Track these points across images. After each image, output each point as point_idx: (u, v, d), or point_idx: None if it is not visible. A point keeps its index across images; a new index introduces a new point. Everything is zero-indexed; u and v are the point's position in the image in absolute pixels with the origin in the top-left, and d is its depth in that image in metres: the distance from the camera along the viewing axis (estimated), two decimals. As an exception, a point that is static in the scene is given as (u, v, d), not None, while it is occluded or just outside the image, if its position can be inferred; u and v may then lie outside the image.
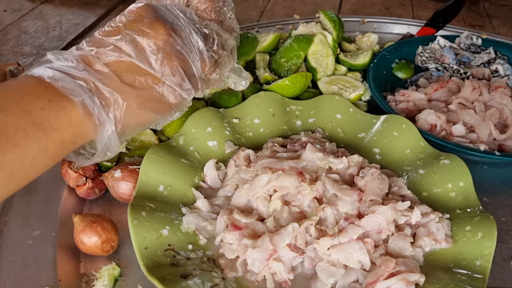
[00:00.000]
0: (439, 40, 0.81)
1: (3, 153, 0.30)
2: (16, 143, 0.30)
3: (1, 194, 0.32)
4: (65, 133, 0.34)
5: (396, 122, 0.59)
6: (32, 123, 0.31)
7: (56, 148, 0.33)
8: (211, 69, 0.44)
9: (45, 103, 0.33)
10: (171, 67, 0.40)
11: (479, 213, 0.48)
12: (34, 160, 0.32)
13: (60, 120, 0.33)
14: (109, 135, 0.36)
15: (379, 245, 0.44)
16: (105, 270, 0.43)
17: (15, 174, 0.31)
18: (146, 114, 0.40)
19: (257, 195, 0.47)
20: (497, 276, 0.46)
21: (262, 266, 0.42)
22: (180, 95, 0.42)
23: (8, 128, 0.30)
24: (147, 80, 0.39)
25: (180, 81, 0.41)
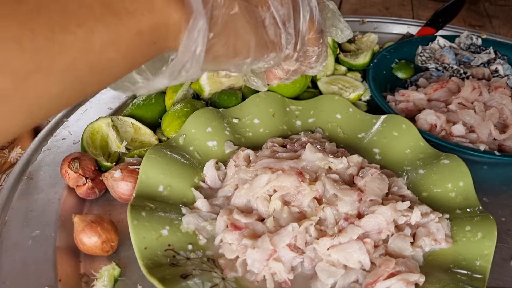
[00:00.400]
0: (439, 40, 0.81)
1: (61, 33, 0.22)
2: (80, 23, 0.23)
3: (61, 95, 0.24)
4: (143, 21, 0.25)
5: (396, 122, 0.58)
6: (102, 3, 0.24)
7: (131, 40, 0.25)
8: (316, 36, 0.37)
9: None
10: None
11: (479, 213, 0.48)
12: (103, 51, 0.24)
13: (138, 3, 0.25)
14: (199, 32, 0.27)
15: (379, 245, 0.44)
16: (105, 270, 0.43)
17: (78, 64, 0.23)
18: (244, 38, 0.31)
19: (257, 195, 0.47)
20: (497, 276, 0.46)
21: (262, 266, 0.42)
22: (280, 35, 0.34)
23: (71, 4, 0.23)
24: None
25: (286, 17, 0.34)
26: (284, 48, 0.35)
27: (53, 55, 0.22)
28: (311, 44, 0.38)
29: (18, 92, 0.21)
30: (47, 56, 0.22)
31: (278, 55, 0.35)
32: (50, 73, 0.22)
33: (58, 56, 0.22)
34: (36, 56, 0.21)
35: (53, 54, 0.22)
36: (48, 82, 0.23)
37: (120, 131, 0.58)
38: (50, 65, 0.22)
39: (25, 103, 0.22)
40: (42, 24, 0.21)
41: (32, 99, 0.22)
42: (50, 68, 0.22)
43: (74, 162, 0.50)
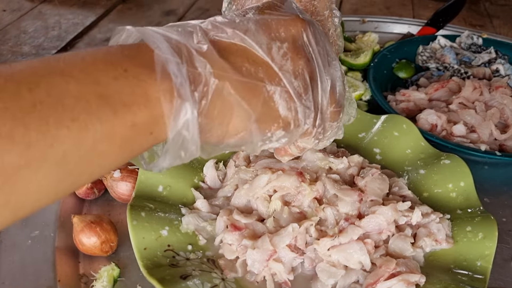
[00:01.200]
0: (439, 39, 0.81)
1: (55, 127, 0.21)
2: (74, 117, 0.22)
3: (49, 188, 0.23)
4: (138, 114, 0.24)
5: (397, 122, 0.58)
6: (98, 95, 0.23)
7: (126, 133, 0.24)
8: (337, 110, 0.34)
9: (120, 72, 0.24)
10: (295, 66, 0.30)
11: (479, 213, 0.47)
12: (96, 146, 0.23)
13: (134, 95, 0.24)
14: (186, 120, 0.26)
15: (380, 246, 0.44)
16: (104, 271, 0.43)
17: (68, 159, 0.22)
18: (241, 114, 0.28)
19: (257, 196, 0.47)
20: (498, 276, 0.46)
21: (262, 267, 0.42)
22: (295, 109, 0.30)
23: (66, 97, 0.22)
24: (257, 71, 0.29)
25: (302, 90, 0.30)
26: (303, 123, 0.31)
27: (44, 149, 0.21)
28: (331, 119, 0.34)
29: (5, 188, 0.21)
30: (38, 151, 0.21)
31: (292, 132, 0.31)
32: (40, 168, 0.22)
33: (49, 150, 0.22)
34: (27, 151, 0.21)
35: (44, 148, 0.21)
36: (37, 177, 0.22)
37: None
38: (41, 159, 0.21)
39: (11, 199, 0.21)
40: (36, 118, 0.21)
41: (20, 194, 0.21)
42: (40, 163, 0.21)
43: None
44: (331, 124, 0.34)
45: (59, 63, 0.23)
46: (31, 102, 0.21)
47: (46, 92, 0.22)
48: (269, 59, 0.29)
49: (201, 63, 0.26)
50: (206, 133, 0.28)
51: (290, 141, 0.32)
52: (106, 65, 0.24)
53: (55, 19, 1.14)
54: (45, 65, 0.23)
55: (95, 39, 1.06)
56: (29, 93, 0.21)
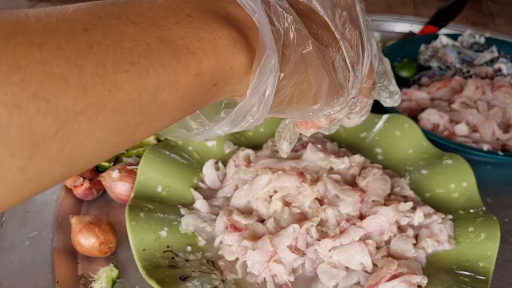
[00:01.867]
0: (441, 38, 0.80)
1: (113, 71, 0.19)
2: (134, 61, 0.20)
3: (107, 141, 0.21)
4: (204, 61, 0.23)
5: (399, 121, 0.58)
6: (159, 39, 0.21)
7: (190, 82, 0.22)
8: (370, 86, 0.34)
9: (183, 17, 0.22)
10: (352, 35, 0.30)
11: (482, 214, 0.47)
12: (157, 93, 0.21)
13: (200, 41, 0.22)
14: (270, 71, 0.24)
15: (381, 247, 0.44)
16: (103, 272, 0.43)
17: (128, 107, 0.20)
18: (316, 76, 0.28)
19: (257, 196, 0.46)
20: (500, 277, 0.45)
21: (262, 268, 0.42)
22: (348, 78, 0.31)
23: (125, 40, 0.20)
24: (323, 35, 0.29)
25: (355, 60, 0.31)
26: (349, 92, 0.31)
27: (102, 94, 0.19)
28: (363, 93, 0.35)
29: (58, 137, 0.18)
30: (95, 96, 0.19)
31: (345, 100, 0.31)
32: (97, 116, 0.19)
33: (107, 96, 0.19)
34: (83, 96, 0.19)
35: (102, 94, 0.19)
36: (93, 126, 0.19)
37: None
38: (98, 105, 0.19)
39: (65, 151, 0.19)
40: (92, 60, 0.19)
41: (74, 146, 0.19)
42: (98, 110, 0.19)
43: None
44: (361, 99, 0.35)
45: (115, 7, 0.22)
46: (87, 43, 0.19)
47: (103, 33, 0.20)
48: (333, 25, 0.29)
49: (283, 19, 0.25)
50: (278, 95, 0.27)
51: (339, 110, 0.32)
52: (167, 11, 0.22)
53: (55, 18, 1.13)
54: (100, 7, 0.21)
55: (94, 38, 1.06)
56: (85, 33, 0.19)
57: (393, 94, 0.40)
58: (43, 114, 0.18)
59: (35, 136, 0.18)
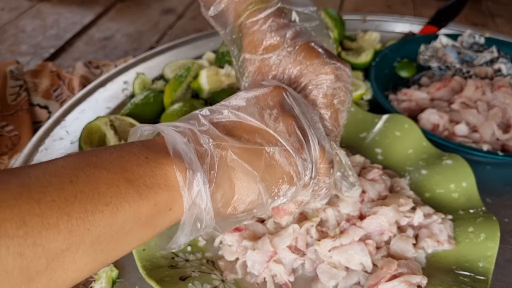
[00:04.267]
0: (441, 38, 0.80)
1: (92, 213, 0.25)
2: (107, 202, 0.26)
3: (85, 267, 0.26)
4: (159, 193, 0.29)
5: (398, 121, 0.58)
6: (126, 180, 0.27)
7: (149, 211, 0.28)
8: (327, 166, 0.37)
9: (142, 160, 0.29)
10: (287, 126, 0.34)
11: (482, 214, 0.47)
12: (125, 225, 0.27)
13: (155, 177, 0.29)
14: (199, 190, 0.30)
15: (381, 247, 0.44)
16: (103, 272, 0.43)
17: (102, 240, 0.26)
18: (247, 177, 0.32)
19: (257, 196, 0.46)
20: (500, 277, 0.45)
21: (262, 268, 0.42)
22: (295, 163, 0.34)
23: (101, 185, 0.26)
24: (255, 138, 0.33)
25: (298, 145, 0.34)
26: (303, 175, 0.35)
27: (83, 233, 0.25)
28: (322, 174, 0.37)
29: (48, 270, 0.24)
30: (78, 235, 0.25)
31: (296, 185, 0.35)
32: (78, 249, 0.25)
33: (87, 234, 0.25)
34: (69, 237, 0.24)
35: (83, 232, 0.25)
36: (75, 257, 0.25)
37: (118, 131, 0.57)
38: (79, 242, 0.25)
39: (52, 279, 0.25)
40: (77, 207, 0.25)
41: (60, 274, 0.25)
42: (79, 245, 0.25)
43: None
44: (324, 179, 0.37)
45: (92, 157, 0.28)
46: (73, 193, 0.25)
47: (84, 182, 0.26)
48: (263, 125, 0.33)
49: (204, 139, 0.31)
50: (218, 202, 0.31)
51: (295, 195, 0.35)
52: (131, 156, 0.29)
53: (54, 18, 1.13)
54: (82, 159, 0.28)
55: (93, 38, 1.06)
56: (71, 185, 0.25)
57: (352, 185, 0.42)
58: (39, 256, 0.23)
59: (31, 273, 0.23)
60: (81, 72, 0.81)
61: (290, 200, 0.35)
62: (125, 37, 1.06)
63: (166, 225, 0.31)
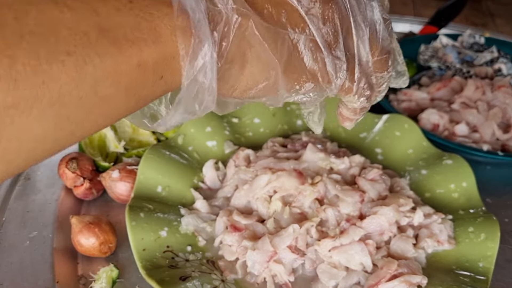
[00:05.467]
0: (441, 38, 0.80)
1: (47, 61, 0.18)
2: (70, 50, 0.19)
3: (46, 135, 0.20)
4: (145, 52, 0.21)
5: (398, 121, 0.58)
6: (97, 27, 0.20)
7: (132, 73, 0.21)
8: (382, 57, 0.30)
9: (123, 3, 0.21)
10: (324, 10, 0.27)
11: (482, 214, 0.47)
12: (98, 85, 0.20)
13: (140, 30, 0.21)
14: (204, 64, 0.23)
15: (381, 247, 0.44)
16: (103, 272, 0.43)
17: (65, 99, 0.19)
18: (265, 61, 0.25)
19: (257, 196, 0.46)
20: (500, 277, 0.45)
21: (262, 268, 0.42)
22: (323, 61, 0.27)
23: (60, 28, 0.19)
24: (280, 14, 0.26)
25: (331, 38, 0.27)
26: (333, 77, 0.28)
27: (35, 86, 0.18)
28: (378, 69, 0.30)
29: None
30: (27, 88, 0.18)
31: (322, 87, 0.28)
32: (31, 109, 0.18)
33: (41, 88, 0.18)
34: (15, 88, 0.18)
35: (35, 85, 0.18)
36: (28, 120, 0.19)
37: (118, 131, 0.57)
38: (31, 98, 0.18)
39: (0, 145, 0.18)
40: (24, 50, 0.18)
41: (9, 139, 0.18)
42: (31, 103, 0.18)
43: (71, 163, 0.50)
44: (380, 76, 0.30)
45: None
46: (18, 32, 0.18)
47: (36, 20, 0.19)
48: (295, 0, 0.26)
49: (222, 1, 0.24)
50: (225, 81, 0.25)
51: (320, 96, 0.29)
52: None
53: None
54: None
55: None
56: (16, 21, 0.18)
57: (400, 75, 0.35)
58: None
59: None
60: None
61: (317, 99, 0.29)
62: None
63: (155, 96, 0.24)
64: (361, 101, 0.30)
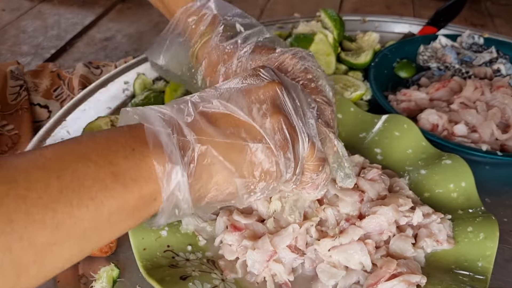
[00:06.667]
0: (440, 39, 0.80)
1: (77, 207, 0.26)
2: (93, 196, 0.27)
3: (72, 257, 0.28)
4: (144, 187, 0.29)
5: (398, 121, 0.58)
6: (112, 174, 0.28)
7: (135, 203, 0.29)
8: (316, 164, 0.37)
9: (129, 152, 0.29)
10: (275, 123, 0.34)
11: (481, 213, 0.47)
12: (110, 217, 0.28)
13: (140, 171, 0.29)
14: (178, 182, 0.30)
15: (380, 246, 0.44)
16: (104, 272, 0.43)
17: (88, 233, 0.27)
18: (225, 172, 0.32)
19: (257, 196, 0.46)
20: (499, 277, 0.46)
21: (262, 268, 0.42)
22: (276, 163, 0.34)
23: (87, 179, 0.27)
24: (240, 132, 0.33)
25: (283, 143, 0.34)
26: (284, 173, 0.35)
27: (69, 227, 0.26)
28: (311, 170, 0.38)
29: (37, 263, 0.25)
30: (64, 230, 0.26)
31: (274, 183, 0.35)
32: (65, 243, 0.26)
33: (73, 228, 0.26)
34: (56, 231, 0.25)
35: (69, 227, 0.26)
36: (63, 250, 0.27)
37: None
38: (66, 236, 0.26)
39: (41, 271, 0.26)
40: (62, 202, 0.26)
41: (48, 266, 0.27)
42: (66, 239, 0.26)
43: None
44: (311, 175, 0.38)
45: (81, 147, 0.29)
46: (59, 189, 0.26)
47: (71, 178, 0.26)
48: (250, 119, 0.33)
49: (188, 132, 0.31)
50: (196, 192, 0.32)
51: (273, 192, 0.36)
52: (118, 146, 0.29)
53: (55, 19, 1.13)
54: (68, 152, 0.28)
55: (94, 39, 1.06)
56: (57, 181, 0.26)
57: (347, 177, 0.42)
58: (26, 250, 0.25)
59: (20, 265, 0.25)
60: (81, 72, 0.81)
61: (267, 196, 0.36)
62: (126, 37, 1.06)
63: (151, 213, 0.31)
64: (293, 187, 0.38)
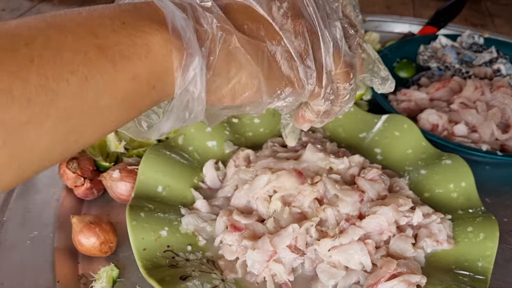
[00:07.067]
0: (440, 39, 0.80)
1: (54, 80, 0.21)
2: (73, 70, 0.22)
3: (54, 145, 0.23)
4: (139, 65, 0.24)
5: (398, 121, 0.58)
6: (96, 46, 0.23)
7: (127, 86, 0.24)
8: (345, 71, 0.33)
9: (118, 25, 0.24)
10: (295, 26, 0.30)
11: (481, 213, 0.47)
12: (98, 100, 0.23)
13: (134, 47, 0.24)
14: (195, 76, 0.26)
15: (380, 246, 0.44)
16: (104, 272, 0.43)
17: (71, 113, 0.22)
18: (249, 71, 0.28)
19: (256, 196, 0.46)
20: (499, 277, 0.46)
21: (262, 268, 0.42)
22: (296, 69, 0.30)
23: (64, 50, 0.22)
24: (259, 30, 0.29)
25: (302, 49, 0.31)
26: (305, 83, 0.31)
27: (45, 104, 0.21)
28: (341, 80, 0.34)
29: (7, 146, 0.21)
30: (39, 106, 0.21)
31: (298, 92, 0.32)
32: (43, 123, 0.21)
33: (50, 105, 0.21)
34: (28, 106, 0.21)
35: (45, 103, 0.21)
36: (39, 133, 0.22)
37: (119, 131, 0.58)
38: (43, 115, 0.21)
39: (15, 158, 0.21)
40: (34, 72, 0.21)
41: (23, 151, 0.21)
42: (42, 118, 0.21)
43: (72, 162, 0.50)
44: (344, 86, 0.34)
45: (56, 18, 0.23)
46: (29, 56, 0.21)
47: (44, 45, 0.22)
48: (269, 17, 0.29)
49: (206, 19, 0.27)
50: (213, 92, 0.28)
51: (296, 101, 0.32)
52: (104, 19, 0.24)
53: (55, 19, 1.13)
54: (41, 20, 0.23)
55: (95, 39, 1.06)
56: (26, 47, 0.21)
57: (385, 80, 0.38)
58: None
59: None
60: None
61: (293, 105, 0.33)
62: (125, 37, 1.06)
63: (148, 105, 0.27)
64: (327, 104, 0.34)
